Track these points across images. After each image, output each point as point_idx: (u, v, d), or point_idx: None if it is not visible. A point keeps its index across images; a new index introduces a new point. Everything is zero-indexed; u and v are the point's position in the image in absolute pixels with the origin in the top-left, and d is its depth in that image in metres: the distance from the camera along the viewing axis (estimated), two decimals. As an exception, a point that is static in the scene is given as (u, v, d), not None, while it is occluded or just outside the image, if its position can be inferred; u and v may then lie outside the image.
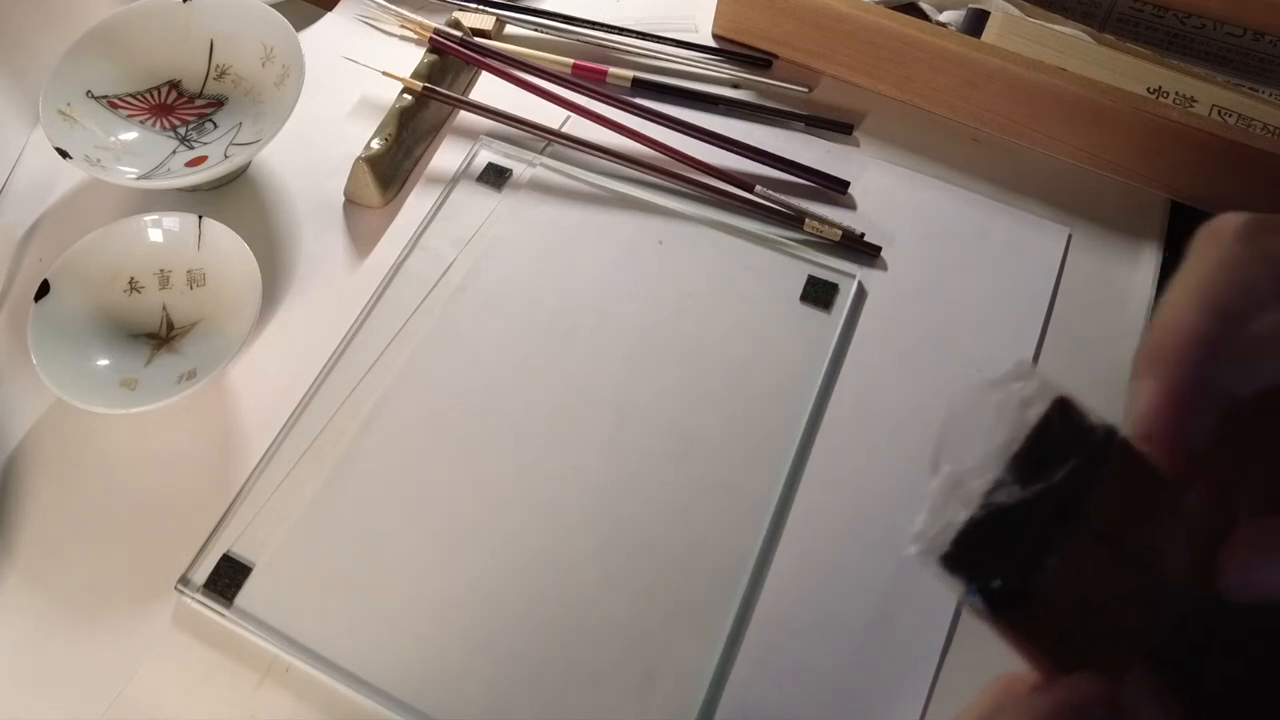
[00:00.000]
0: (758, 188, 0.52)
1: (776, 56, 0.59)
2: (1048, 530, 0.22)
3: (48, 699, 0.40)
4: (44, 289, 0.45)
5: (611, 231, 0.51)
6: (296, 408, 0.46)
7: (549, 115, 0.56)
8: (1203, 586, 0.22)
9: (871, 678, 0.40)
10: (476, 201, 0.53)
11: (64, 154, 0.47)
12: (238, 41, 0.54)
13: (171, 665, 0.40)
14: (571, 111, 0.55)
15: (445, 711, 0.39)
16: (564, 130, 0.55)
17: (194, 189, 0.53)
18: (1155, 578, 0.22)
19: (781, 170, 0.53)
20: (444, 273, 0.50)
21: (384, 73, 0.54)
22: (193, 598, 0.41)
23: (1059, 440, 0.23)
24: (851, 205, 0.53)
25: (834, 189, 0.53)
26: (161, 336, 0.47)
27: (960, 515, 0.22)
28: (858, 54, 0.56)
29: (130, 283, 0.47)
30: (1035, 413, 0.23)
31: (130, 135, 0.52)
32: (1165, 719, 0.22)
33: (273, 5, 0.53)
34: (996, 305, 0.49)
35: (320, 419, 0.46)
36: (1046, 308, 0.49)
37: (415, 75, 0.54)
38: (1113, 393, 0.24)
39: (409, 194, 0.54)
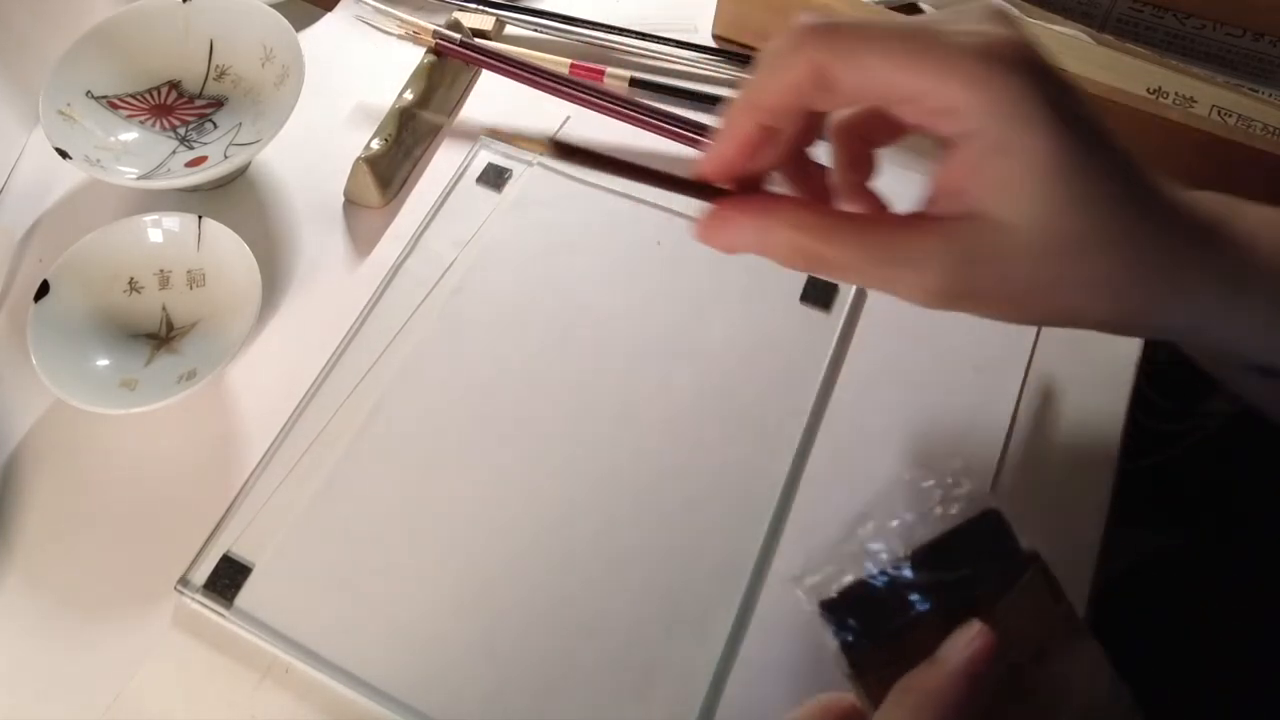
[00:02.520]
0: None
1: (776, 56, 0.59)
2: (933, 616, 0.23)
3: (48, 699, 0.40)
4: (44, 289, 0.45)
5: (610, 231, 0.51)
6: (296, 408, 0.46)
7: (549, 115, 0.56)
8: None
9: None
10: (476, 202, 0.53)
11: (64, 154, 0.47)
12: (237, 42, 0.54)
13: (171, 665, 0.40)
14: (577, 103, 0.54)
15: (445, 711, 0.39)
16: (565, 130, 0.55)
17: (194, 189, 0.53)
18: (1036, 703, 0.23)
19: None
20: (444, 273, 0.50)
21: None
22: (193, 598, 0.41)
23: (974, 545, 0.24)
24: (851, 205, 0.53)
25: (834, 189, 0.53)
26: (161, 337, 0.47)
27: (850, 574, 0.24)
28: (857, 54, 0.56)
29: (130, 283, 0.47)
30: (957, 513, 0.25)
31: (130, 135, 0.52)
32: None
33: (273, 5, 0.53)
34: (996, 305, 0.49)
35: (320, 419, 0.46)
36: (1046, 308, 0.49)
37: (415, 75, 0.54)
38: (1108, 384, 0.26)
39: (409, 194, 0.54)
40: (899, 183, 0.53)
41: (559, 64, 0.57)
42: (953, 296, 0.28)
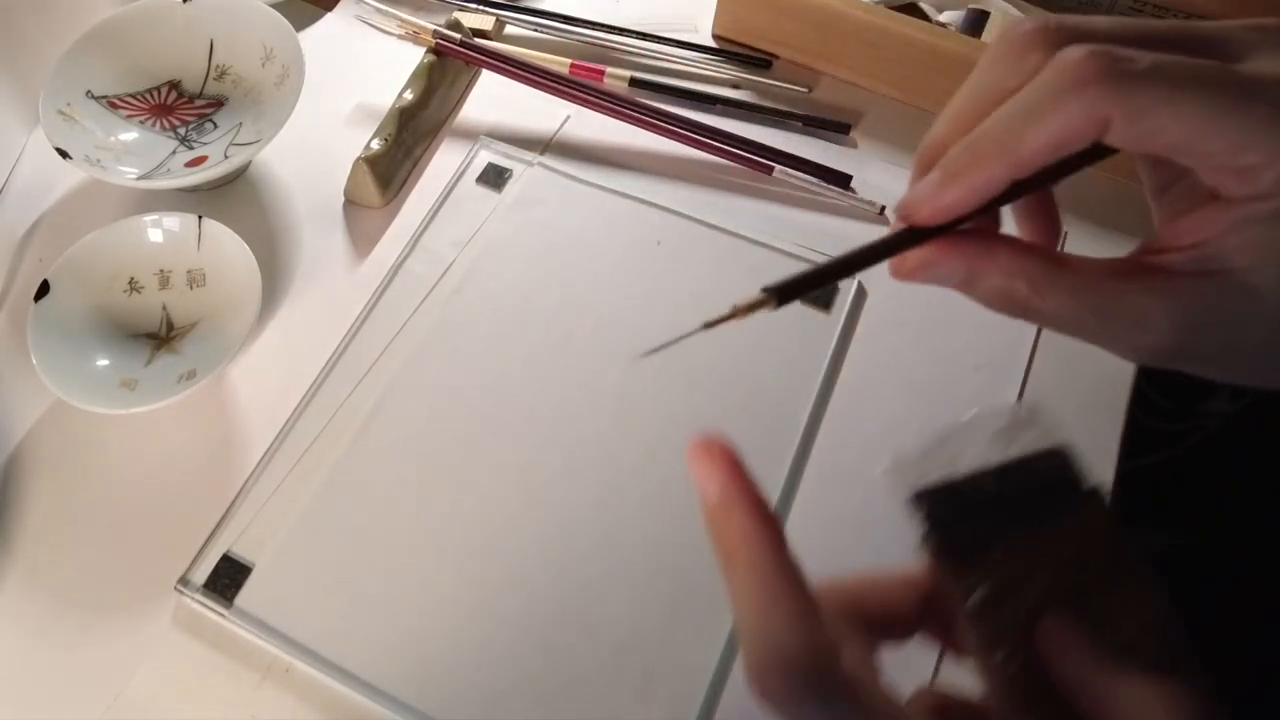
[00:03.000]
0: (777, 169, 0.52)
1: (776, 56, 0.59)
2: (1003, 525, 0.25)
3: (48, 699, 0.40)
4: (44, 289, 0.45)
5: (611, 231, 0.51)
6: (296, 408, 0.46)
7: (550, 114, 0.56)
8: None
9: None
10: (476, 202, 0.53)
11: (64, 154, 0.47)
12: (238, 41, 0.54)
13: (171, 665, 0.40)
14: (577, 103, 0.54)
15: (445, 711, 0.39)
16: (565, 130, 0.55)
17: (194, 189, 0.53)
18: (1086, 623, 0.24)
19: (786, 165, 0.53)
20: (444, 273, 0.50)
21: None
22: (193, 598, 0.41)
23: (1044, 473, 0.26)
24: (851, 205, 0.53)
25: (837, 184, 0.53)
26: (161, 336, 0.47)
27: (936, 474, 0.25)
28: (857, 54, 0.56)
29: (130, 283, 0.47)
30: (1029, 443, 0.26)
31: (130, 135, 0.52)
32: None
33: (273, 5, 0.53)
34: (996, 305, 0.49)
35: (320, 419, 0.46)
36: (1046, 308, 0.49)
37: (415, 75, 0.54)
38: (1106, 387, 0.26)
39: (409, 194, 0.54)
40: (890, 179, 0.54)
41: (559, 64, 0.57)
42: (1173, 358, 0.25)
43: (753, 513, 0.24)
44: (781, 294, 0.25)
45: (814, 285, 0.26)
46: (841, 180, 0.53)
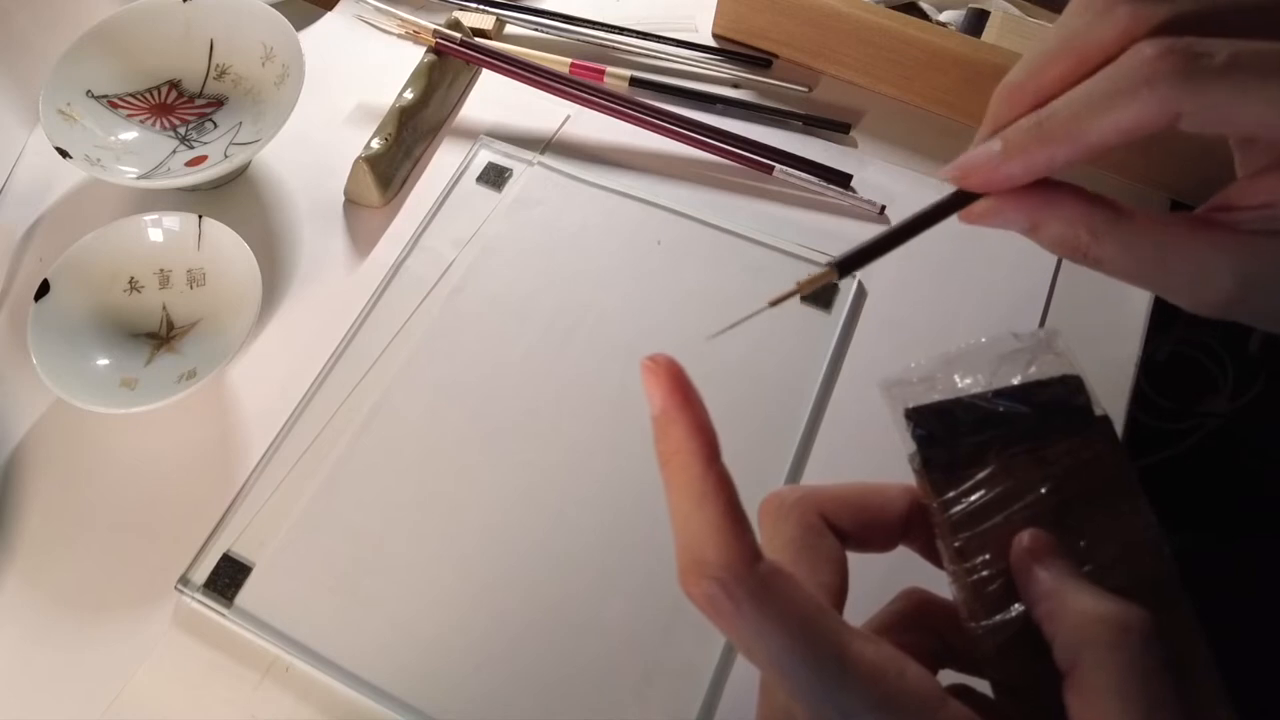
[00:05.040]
0: (778, 169, 0.52)
1: (776, 56, 0.59)
2: (1003, 443, 0.25)
3: (48, 699, 0.40)
4: (44, 289, 0.45)
5: (610, 231, 0.51)
6: (296, 408, 0.46)
7: (550, 114, 0.56)
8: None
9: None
10: (476, 201, 0.53)
11: (64, 154, 0.47)
12: (238, 41, 0.54)
13: (171, 665, 0.40)
14: (577, 103, 0.54)
15: (445, 711, 0.39)
16: (565, 130, 0.55)
17: (194, 189, 0.53)
18: (1075, 540, 0.24)
19: (786, 165, 0.53)
20: (444, 272, 0.50)
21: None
22: (193, 597, 0.41)
23: (1053, 397, 0.26)
24: (851, 205, 0.53)
25: (837, 184, 0.53)
26: (161, 336, 0.47)
27: (936, 395, 0.26)
28: (857, 54, 0.56)
29: (130, 282, 0.47)
30: (1039, 370, 0.26)
31: (130, 135, 0.52)
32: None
33: (273, 5, 0.53)
34: (995, 304, 0.49)
35: (320, 419, 0.46)
36: (1044, 308, 0.49)
37: (415, 75, 0.54)
38: (1108, 383, 0.26)
39: (409, 194, 0.54)
40: (890, 178, 0.54)
41: (559, 63, 0.57)
42: (1230, 311, 0.26)
43: (688, 425, 0.26)
44: (843, 266, 0.26)
45: (874, 255, 0.26)
46: (842, 180, 0.53)
